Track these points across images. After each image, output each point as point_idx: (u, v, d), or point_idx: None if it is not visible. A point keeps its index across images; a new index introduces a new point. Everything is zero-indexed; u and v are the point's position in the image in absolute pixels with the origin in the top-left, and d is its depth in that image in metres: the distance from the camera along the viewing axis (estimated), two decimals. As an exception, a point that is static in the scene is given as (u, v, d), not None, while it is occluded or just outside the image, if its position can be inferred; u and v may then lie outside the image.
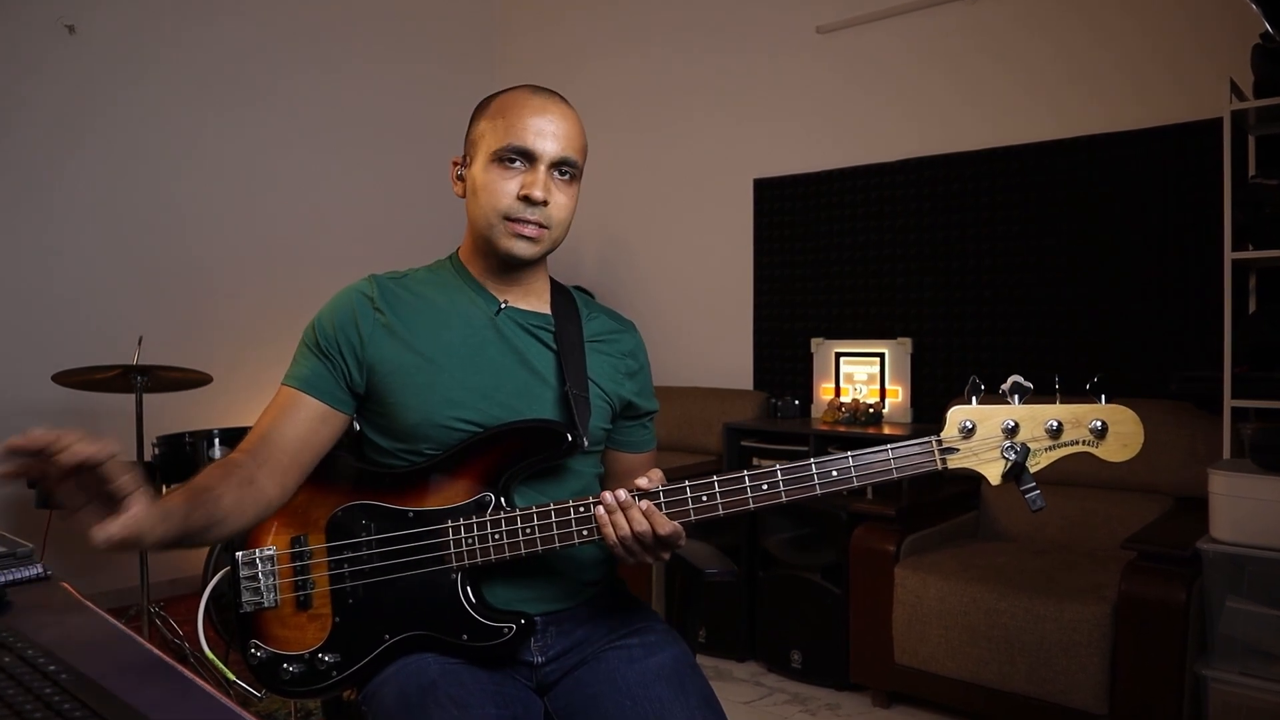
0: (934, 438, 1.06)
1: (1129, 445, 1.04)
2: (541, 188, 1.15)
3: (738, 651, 2.90)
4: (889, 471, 1.05)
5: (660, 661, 1.17)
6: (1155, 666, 2.02)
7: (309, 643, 1.16)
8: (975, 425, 1.06)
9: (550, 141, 1.16)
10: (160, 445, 2.77)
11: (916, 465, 1.06)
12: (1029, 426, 1.05)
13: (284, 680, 1.16)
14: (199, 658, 2.59)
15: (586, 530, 1.09)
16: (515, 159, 1.16)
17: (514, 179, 1.16)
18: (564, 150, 1.17)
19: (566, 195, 1.19)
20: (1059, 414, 1.05)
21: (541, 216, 1.17)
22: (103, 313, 3.37)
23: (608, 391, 1.26)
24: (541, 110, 1.17)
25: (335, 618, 1.16)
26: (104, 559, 3.24)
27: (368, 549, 1.15)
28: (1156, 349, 2.76)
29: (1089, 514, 2.59)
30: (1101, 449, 1.05)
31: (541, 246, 1.19)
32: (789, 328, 3.61)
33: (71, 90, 3.33)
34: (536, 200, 1.15)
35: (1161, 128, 2.75)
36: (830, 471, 1.06)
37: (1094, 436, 1.04)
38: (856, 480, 1.05)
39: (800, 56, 3.60)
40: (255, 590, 1.18)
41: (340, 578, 1.16)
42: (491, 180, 1.17)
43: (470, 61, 4.62)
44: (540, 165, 1.16)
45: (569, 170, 1.19)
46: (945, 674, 2.35)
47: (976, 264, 3.12)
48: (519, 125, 1.16)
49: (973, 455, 1.05)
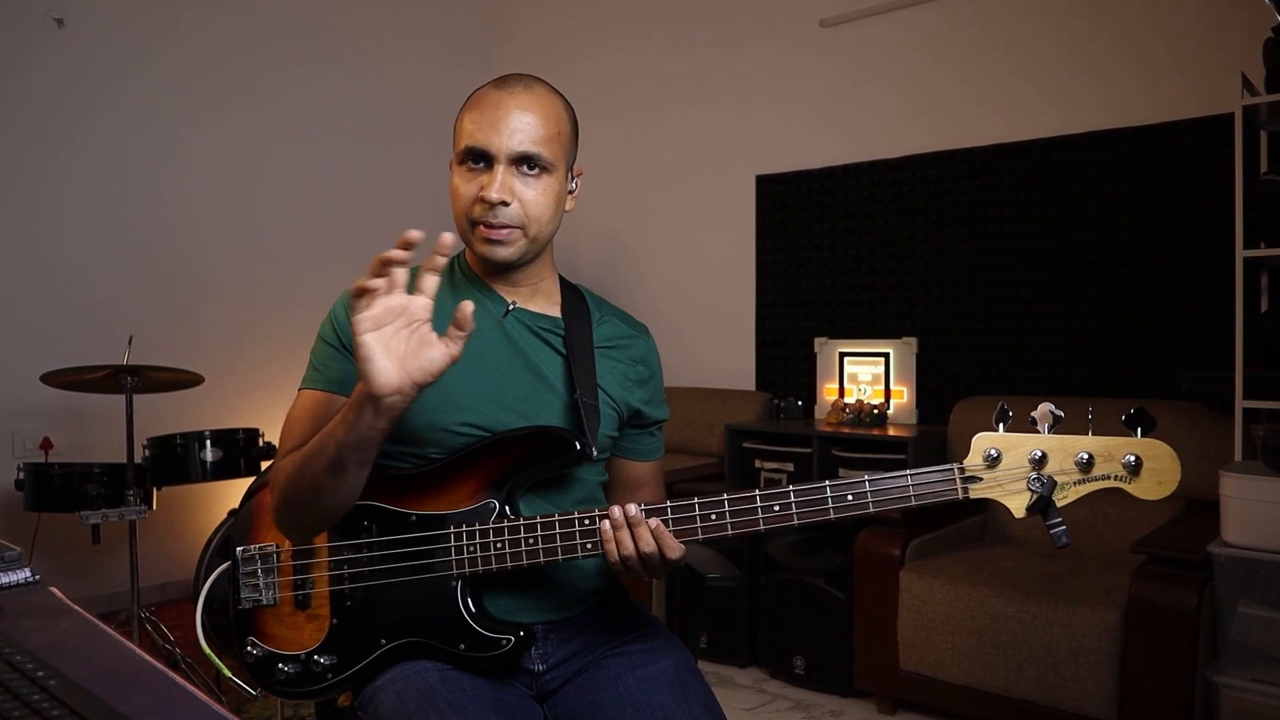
0: (956, 465, 1.03)
1: (1164, 483, 0.99)
2: (498, 188, 1.12)
3: (740, 657, 2.90)
4: (907, 499, 1.03)
5: (662, 668, 1.17)
6: (1166, 673, 2.02)
7: (305, 643, 1.16)
8: (1001, 454, 1.02)
9: (505, 138, 1.13)
10: (151, 447, 2.77)
11: (937, 494, 1.03)
12: (1058, 458, 1.01)
13: (279, 680, 1.16)
14: (190, 663, 2.59)
15: (591, 544, 1.08)
16: (476, 160, 1.15)
17: (474, 181, 1.14)
18: (521, 145, 1.13)
19: (536, 190, 1.15)
20: (1090, 446, 1.01)
21: (508, 217, 1.14)
22: (92, 312, 3.37)
23: (616, 399, 1.25)
24: (496, 106, 1.14)
25: (333, 619, 1.15)
26: (93, 563, 3.24)
27: (368, 550, 1.15)
28: (1166, 348, 2.76)
29: (1098, 517, 2.59)
30: (1135, 485, 1.00)
31: (517, 247, 1.16)
32: (792, 327, 3.61)
33: (60, 85, 3.33)
34: (492, 201, 1.12)
35: (1172, 123, 2.75)
36: (846, 496, 1.04)
37: (1127, 472, 1.00)
38: (873, 506, 1.03)
39: (803, 50, 3.60)
40: (255, 587, 1.18)
41: (339, 579, 1.15)
42: (457, 184, 1.16)
43: (467, 53, 4.62)
44: (498, 164, 1.13)
45: (536, 164, 1.15)
46: (951, 680, 2.35)
47: (983, 262, 3.12)
48: (473, 125, 1.15)
49: (997, 485, 1.02)
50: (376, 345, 0.96)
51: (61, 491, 2.59)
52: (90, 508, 2.52)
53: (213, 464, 2.77)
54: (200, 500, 3.54)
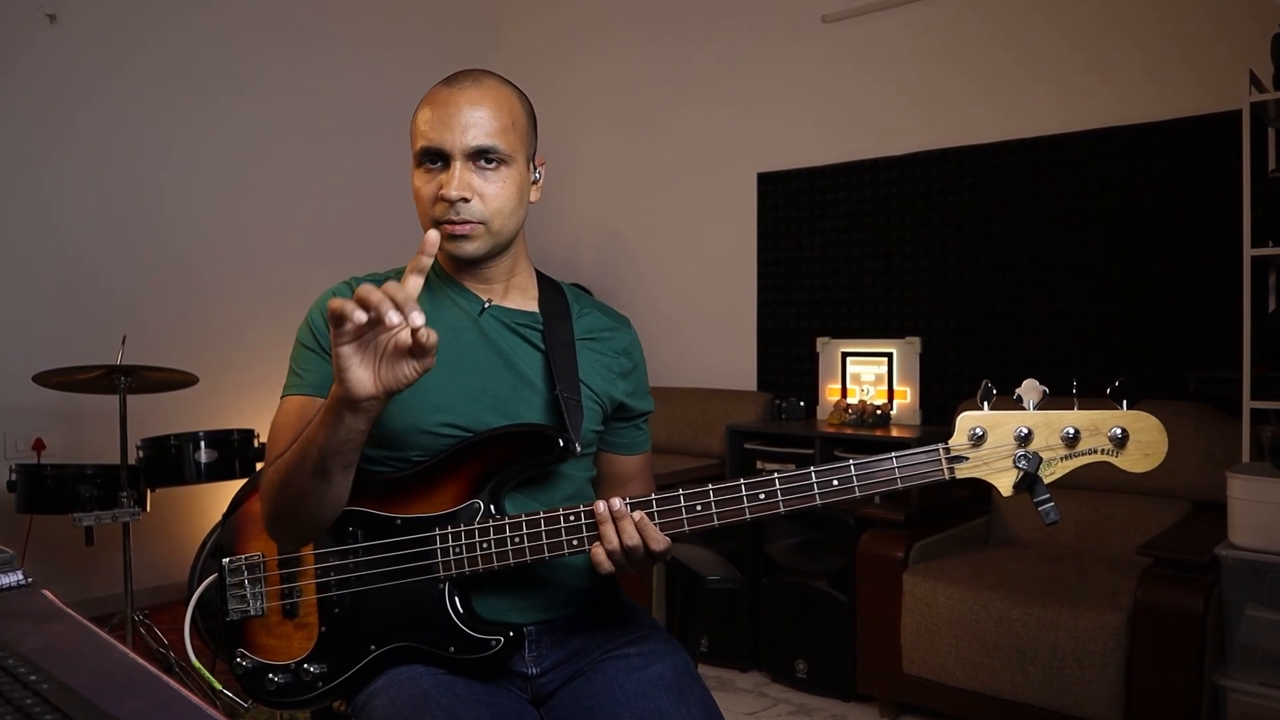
0: (941, 445, 1.03)
1: (1151, 455, 1.00)
2: (456, 186, 1.13)
3: (741, 661, 2.90)
4: (893, 481, 1.04)
5: (660, 671, 1.16)
6: (1172, 677, 2.02)
7: (295, 652, 1.16)
8: (986, 432, 1.03)
9: (457, 135, 1.13)
10: (145, 448, 2.77)
11: (922, 475, 1.04)
12: (1044, 434, 1.02)
13: (270, 691, 1.17)
14: (184, 667, 2.59)
15: (576, 540, 1.09)
16: (434, 160, 1.15)
17: (433, 181, 1.15)
18: (475, 140, 1.14)
19: (496, 184, 1.15)
20: (1076, 420, 1.02)
21: (470, 213, 1.15)
22: (85, 311, 3.37)
23: (598, 392, 1.25)
24: (446, 103, 1.15)
25: (321, 627, 1.16)
26: (87, 565, 3.24)
27: (354, 556, 1.15)
28: (1173, 348, 2.76)
29: (1103, 519, 2.59)
30: (1121, 459, 1.00)
31: (481, 242, 1.17)
32: (794, 327, 3.61)
33: (52, 82, 3.32)
34: (451, 199, 1.13)
35: (1178, 120, 2.75)
36: (831, 481, 1.04)
37: (1113, 445, 1.00)
38: (859, 491, 1.04)
39: (806, 46, 3.60)
40: (242, 598, 1.18)
41: (326, 586, 1.15)
42: (417, 186, 1.17)
43: (467, 49, 4.61)
44: (455, 161, 1.14)
45: (493, 158, 1.15)
46: (955, 684, 2.35)
47: (987, 261, 3.12)
48: (426, 125, 1.15)
49: (983, 464, 1.03)
50: (353, 355, 0.96)
51: (54, 493, 2.59)
52: (83, 509, 2.52)
53: (207, 465, 2.77)
54: (195, 502, 3.54)
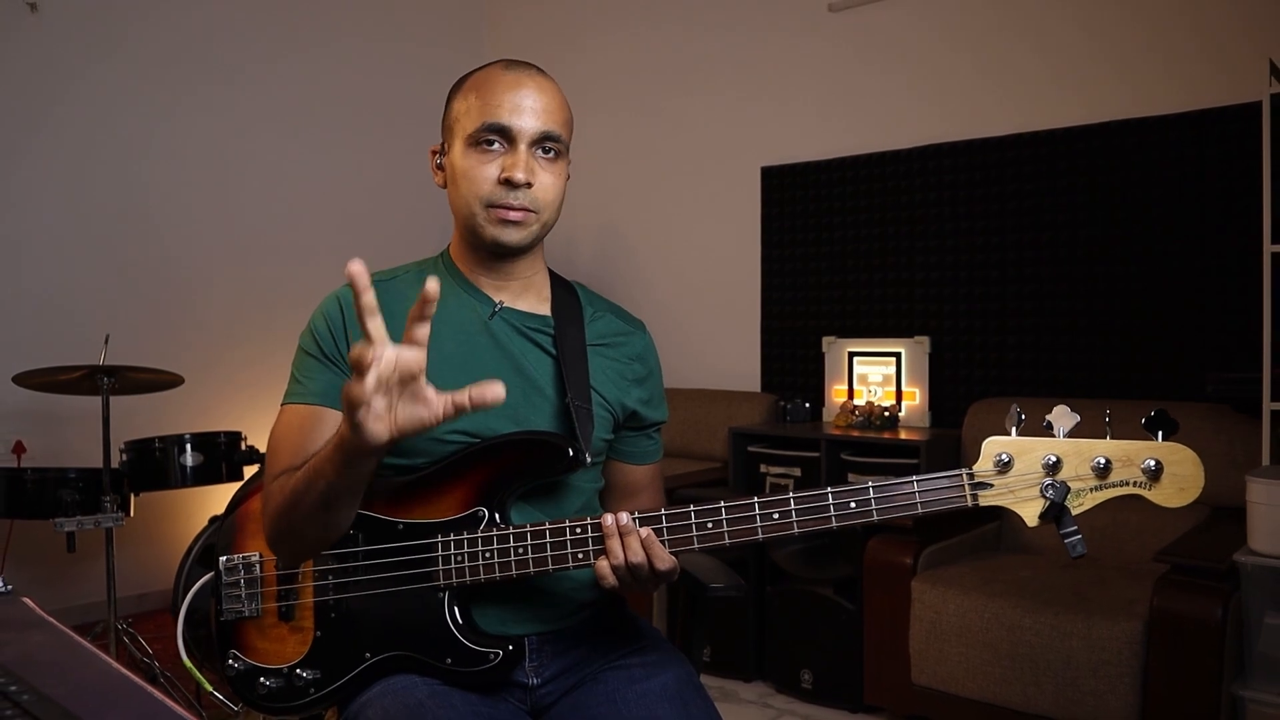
0: (964, 470, 1.03)
1: (1186, 489, 0.98)
2: (523, 169, 1.14)
3: (745, 671, 2.91)
4: (913, 506, 1.03)
5: (662, 682, 1.17)
6: (1189, 687, 2.02)
7: (288, 656, 1.17)
8: (1013, 458, 1.02)
9: (529, 117, 1.15)
10: (128, 450, 2.77)
11: (944, 500, 1.03)
12: (1073, 463, 1.00)
13: (260, 695, 1.17)
14: (169, 678, 2.59)
15: (582, 554, 1.09)
16: (493, 140, 1.15)
17: (493, 161, 1.15)
18: (545, 125, 1.16)
19: (552, 174, 1.18)
20: (1108, 450, 1.00)
21: (527, 200, 1.16)
22: (66, 309, 3.37)
23: (610, 400, 1.25)
24: (516, 85, 1.16)
25: (316, 632, 1.16)
26: (68, 572, 3.25)
27: (353, 560, 1.15)
28: (1191, 347, 2.76)
29: (1119, 525, 2.59)
30: (1154, 492, 0.99)
31: (530, 231, 1.18)
32: (799, 326, 3.61)
33: (32, 71, 3.33)
34: (518, 183, 1.14)
35: (1197, 112, 2.75)
36: (849, 503, 1.04)
37: (1146, 477, 0.99)
38: (877, 515, 1.03)
39: (811, 35, 3.60)
40: (237, 598, 1.18)
41: (324, 589, 1.16)
42: (470, 165, 1.16)
43: (456, 37, 4.62)
44: (520, 144, 1.15)
45: (553, 146, 1.17)
46: (966, 695, 2.35)
47: (999, 257, 3.12)
48: (494, 103, 1.15)
49: (1008, 492, 1.02)
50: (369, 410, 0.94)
51: (35, 498, 2.60)
52: (65, 515, 2.52)
53: (193, 469, 2.78)
54: (180, 507, 3.54)
